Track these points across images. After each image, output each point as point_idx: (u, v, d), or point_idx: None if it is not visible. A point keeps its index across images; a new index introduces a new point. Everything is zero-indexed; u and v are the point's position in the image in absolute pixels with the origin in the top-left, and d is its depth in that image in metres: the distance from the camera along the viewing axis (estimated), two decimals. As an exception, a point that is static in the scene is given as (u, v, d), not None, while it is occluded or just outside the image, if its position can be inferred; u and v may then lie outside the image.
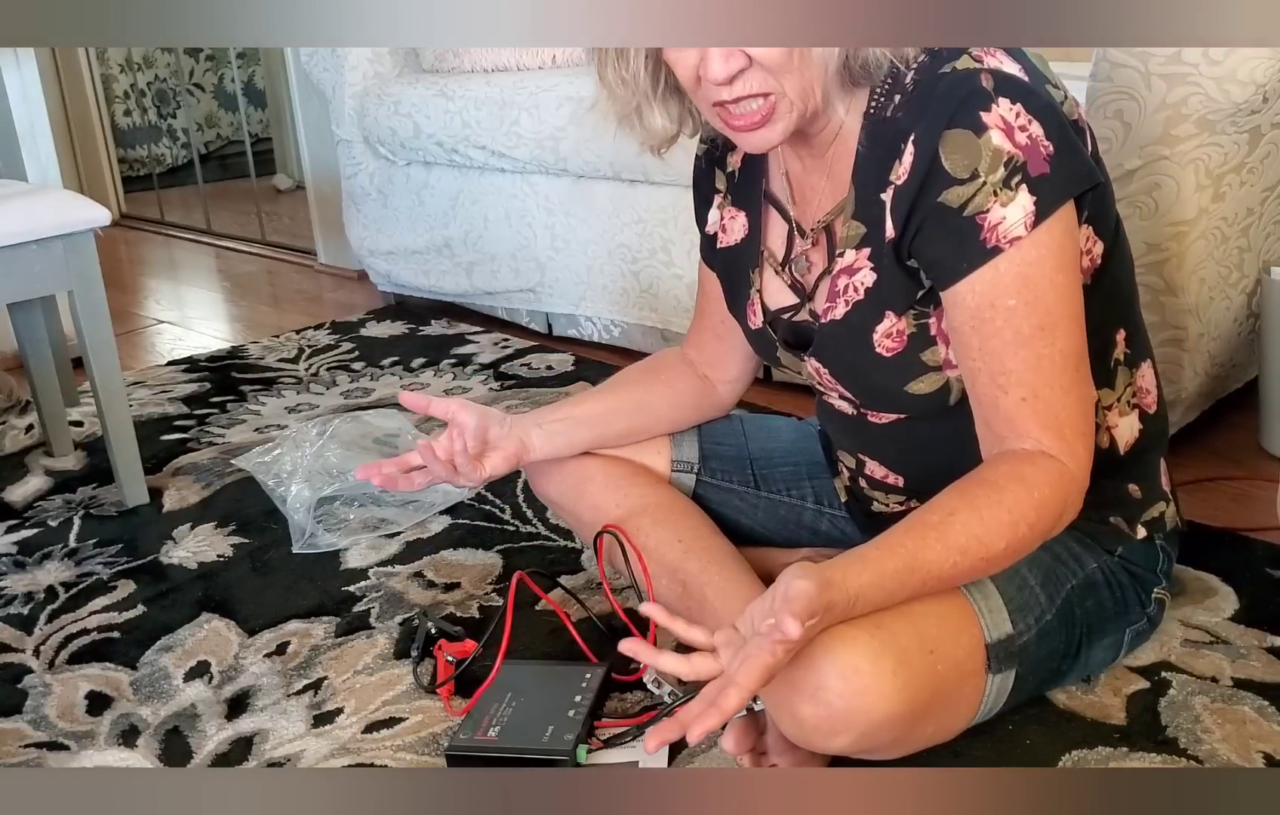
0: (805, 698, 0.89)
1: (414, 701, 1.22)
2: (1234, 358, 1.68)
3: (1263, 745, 1.05)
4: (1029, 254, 0.93)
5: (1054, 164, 0.92)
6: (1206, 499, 1.51)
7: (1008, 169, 0.91)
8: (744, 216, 1.17)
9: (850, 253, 1.03)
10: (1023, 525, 0.92)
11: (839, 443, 1.22)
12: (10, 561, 1.61)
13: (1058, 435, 0.95)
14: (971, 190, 0.92)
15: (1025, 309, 0.93)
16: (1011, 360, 0.94)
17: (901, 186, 0.96)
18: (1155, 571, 1.13)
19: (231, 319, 2.95)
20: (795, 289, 1.13)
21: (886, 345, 1.03)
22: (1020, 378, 0.94)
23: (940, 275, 0.97)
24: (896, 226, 0.98)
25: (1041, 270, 0.93)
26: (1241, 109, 1.43)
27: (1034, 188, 0.92)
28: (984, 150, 0.91)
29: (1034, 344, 0.94)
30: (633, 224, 2.22)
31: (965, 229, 0.93)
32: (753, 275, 1.17)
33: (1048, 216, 0.92)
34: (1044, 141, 0.92)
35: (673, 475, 1.32)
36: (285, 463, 1.69)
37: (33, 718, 1.24)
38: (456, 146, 2.46)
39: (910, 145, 0.95)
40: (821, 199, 1.08)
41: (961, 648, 0.97)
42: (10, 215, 1.58)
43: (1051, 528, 0.95)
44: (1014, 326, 0.94)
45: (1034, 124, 0.92)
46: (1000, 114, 0.91)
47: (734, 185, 1.19)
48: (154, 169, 4.94)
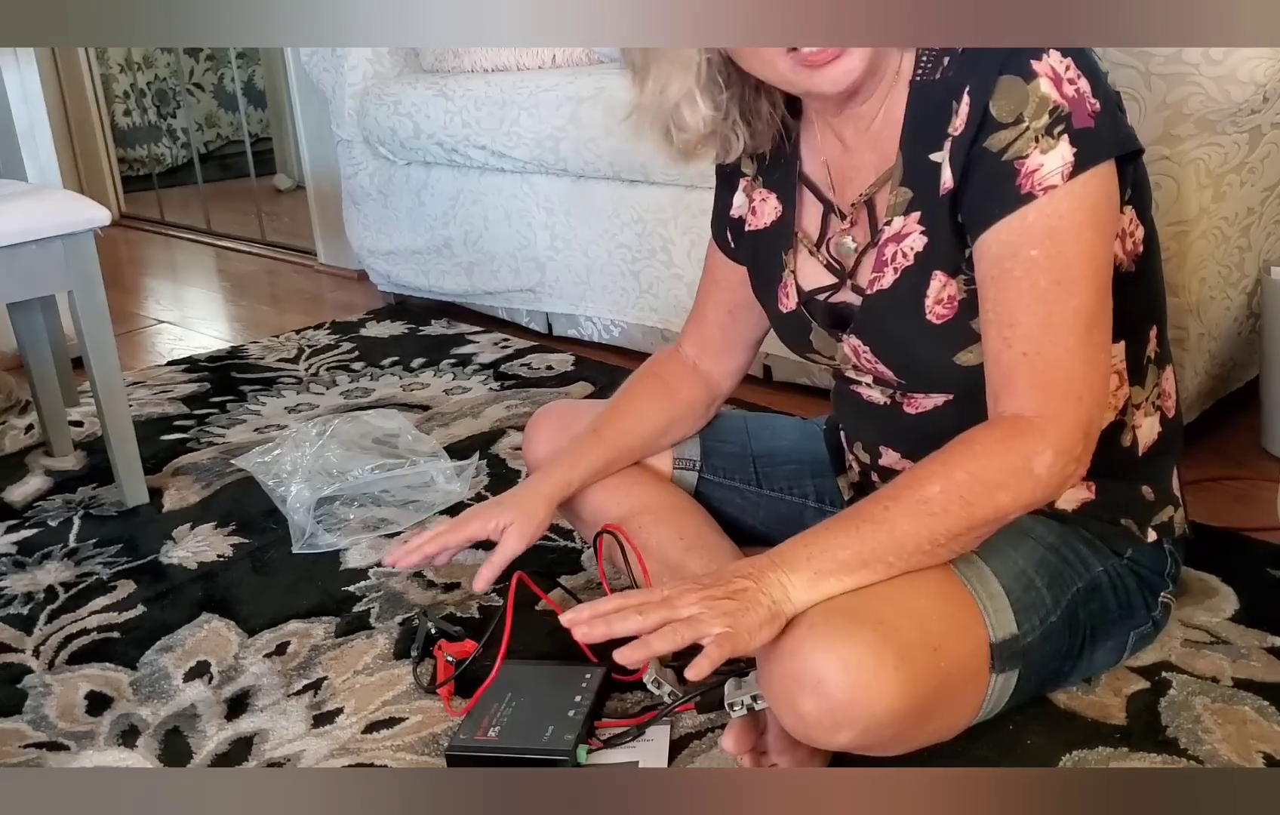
0: (808, 692, 0.89)
1: (414, 701, 1.22)
2: (1234, 357, 1.68)
3: (1263, 745, 1.05)
4: (1060, 205, 0.92)
5: (1099, 120, 0.93)
6: (1207, 499, 1.51)
7: (1052, 117, 0.92)
8: (775, 198, 1.16)
9: (898, 219, 1.03)
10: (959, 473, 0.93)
11: (858, 434, 1.21)
12: (10, 561, 1.61)
13: (1046, 395, 0.93)
14: (1014, 135, 0.93)
15: (1046, 261, 0.93)
16: (1022, 313, 0.94)
17: (958, 137, 0.96)
18: (1163, 575, 1.13)
19: (231, 319, 2.95)
20: (832, 269, 1.12)
21: (938, 312, 1.02)
22: (1027, 332, 0.94)
23: (974, 222, 0.96)
24: (955, 178, 0.97)
25: (1070, 224, 0.92)
26: (1241, 109, 1.43)
27: (1076, 140, 0.92)
28: (1031, 96, 0.92)
29: (1048, 299, 0.93)
30: (633, 224, 2.22)
31: (1003, 173, 0.93)
32: (785, 257, 1.15)
33: (1085, 170, 0.92)
34: (1090, 98, 0.93)
35: (675, 473, 1.32)
36: (285, 463, 1.69)
37: (33, 718, 1.24)
38: (456, 146, 2.46)
39: (965, 95, 0.95)
40: (862, 176, 1.07)
41: (966, 646, 0.96)
42: (10, 215, 1.58)
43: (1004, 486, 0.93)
44: (1031, 278, 0.93)
45: (1082, 80, 0.93)
46: (1050, 64, 0.92)
47: (764, 168, 1.17)
48: (154, 169, 4.94)
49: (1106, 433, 1.06)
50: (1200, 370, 1.59)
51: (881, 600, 0.93)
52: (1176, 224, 1.49)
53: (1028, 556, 1.03)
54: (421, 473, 1.69)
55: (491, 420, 2.02)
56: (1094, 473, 1.07)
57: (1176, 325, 1.54)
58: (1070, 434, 0.93)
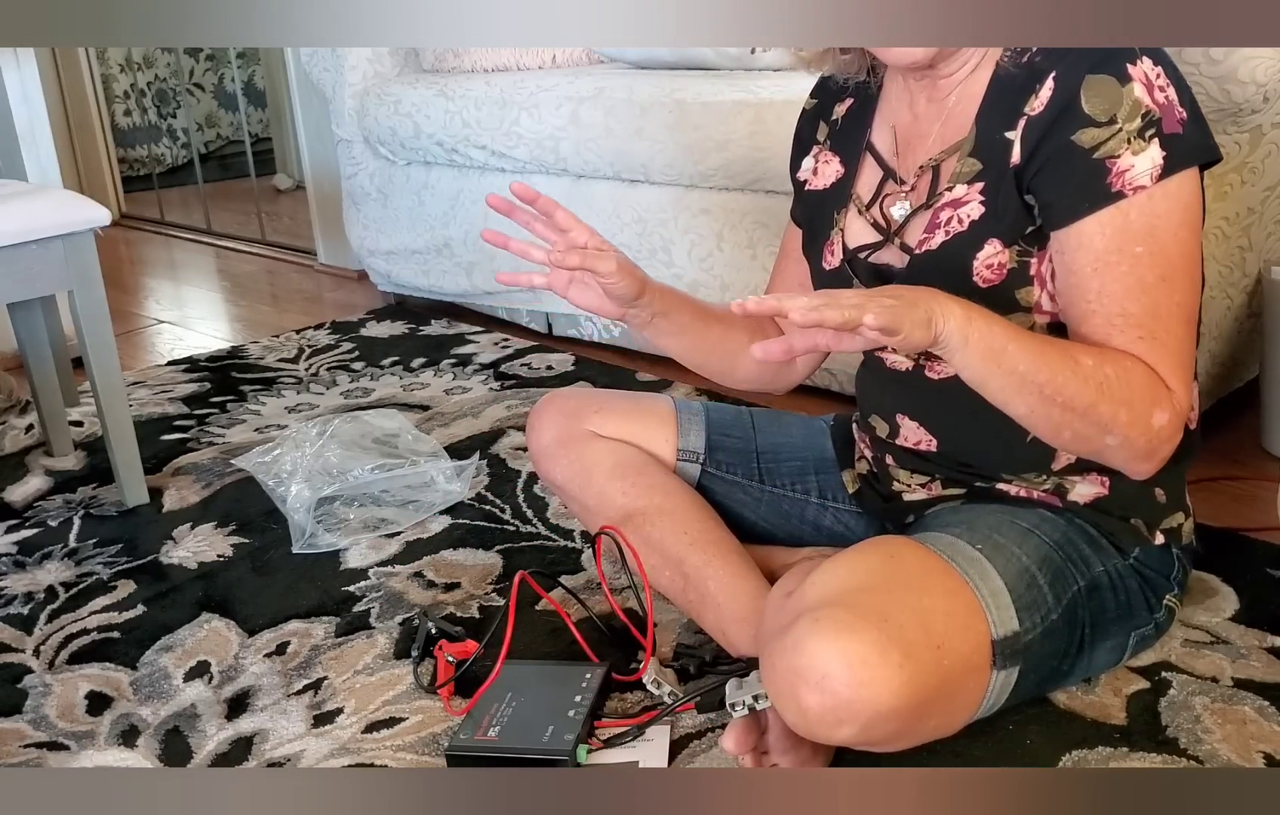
0: (811, 687, 0.89)
1: (414, 701, 1.22)
2: (1235, 357, 1.68)
3: (1263, 745, 1.05)
4: (1158, 205, 0.96)
5: (1187, 128, 0.97)
6: (1207, 499, 1.51)
7: (1144, 121, 0.95)
8: (838, 161, 1.19)
9: (961, 187, 1.05)
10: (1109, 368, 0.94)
11: (878, 406, 1.21)
12: (10, 561, 1.61)
13: (1169, 372, 0.97)
14: (1107, 134, 0.96)
15: (1150, 258, 0.96)
16: (1133, 305, 0.97)
17: (1035, 117, 0.99)
18: (1169, 578, 1.13)
19: (231, 319, 2.95)
20: (878, 227, 1.14)
21: (984, 276, 1.04)
22: (1139, 320, 0.97)
23: (1056, 214, 0.99)
24: (1024, 154, 1.00)
25: (1168, 223, 0.96)
26: (1242, 109, 1.43)
27: (1165, 144, 0.96)
28: (1125, 99, 0.95)
29: (1155, 292, 0.97)
30: (633, 224, 2.22)
31: (1093, 170, 0.96)
32: (838, 216, 1.18)
33: (1174, 174, 0.96)
34: (1179, 106, 0.97)
35: (678, 464, 1.32)
36: (285, 463, 1.69)
37: (33, 718, 1.24)
38: (456, 146, 2.46)
39: (1051, 80, 0.98)
40: (928, 145, 1.10)
41: (968, 643, 0.97)
42: (10, 215, 1.58)
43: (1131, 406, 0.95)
44: (1138, 273, 0.97)
45: (1171, 89, 0.97)
46: (1144, 69, 0.96)
47: (835, 132, 1.21)
48: (154, 169, 4.95)
49: None
50: (1200, 370, 1.59)
51: (885, 597, 0.94)
52: (1176, 224, 1.49)
53: (1031, 554, 1.04)
54: (421, 473, 1.69)
55: (492, 420, 2.02)
56: (1110, 468, 1.08)
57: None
58: (1182, 413, 0.98)
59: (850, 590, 0.94)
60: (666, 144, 2.08)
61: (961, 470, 1.14)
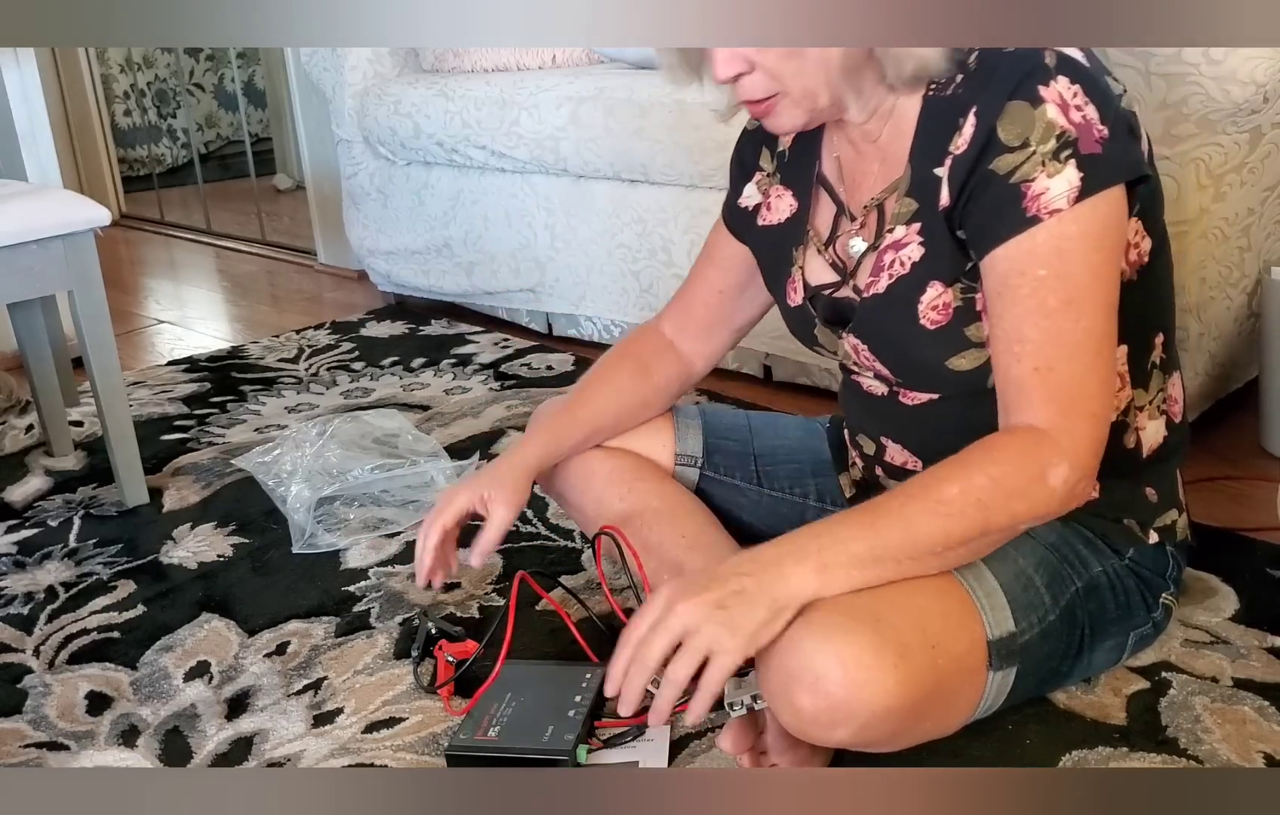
0: (805, 689, 0.89)
1: (414, 701, 1.22)
2: (1234, 357, 1.68)
3: (1263, 745, 1.05)
4: (1068, 228, 0.94)
5: (1106, 147, 0.94)
6: (1207, 499, 1.51)
7: (1059, 142, 0.93)
8: (791, 195, 1.18)
9: (900, 228, 1.04)
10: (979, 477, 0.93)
11: (861, 426, 1.22)
12: (10, 561, 1.61)
13: (1061, 409, 0.94)
14: (1021, 158, 0.94)
15: (1054, 281, 0.94)
16: (1031, 329, 0.95)
17: (960, 156, 0.97)
18: (1164, 577, 1.13)
19: (231, 319, 2.95)
20: (836, 267, 1.13)
21: (931, 317, 1.03)
22: (1037, 348, 0.95)
23: (980, 241, 0.98)
24: (952, 194, 0.99)
25: (1078, 246, 0.94)
26: (1242, 109, 1.43)
27: (1082, 164, 0.93)
28: (1038, 121, 0.93)
29: (1057, 317, 0.94)
30: (633, 224, 2.22)
31: (1009, 196, 0.94)
32: (796, 253, 1.17)
33: (1092, 195, 0.93)
34: (1098, 124, 0.94)
35: (676, 469, 1.32)
36: (285, 463, 1.69)
37: (33, 718, 1.24)
38: (456, 146, 2.46)
39: (972, 116, 0.97)
40: (874, 181, 1.09)
41: (963, 644, 0.97)
42: (10, 215, 1.58)
43: (1021, 495, 0.93)
44: (1039, 297, 0.94)
45: (1090, 107, 0.94)
46: (1058, 90, 0.93)
47: (784, 164, 1.20)
48: (154, 169, 4.94)
49: (1111, 432, 1.07)
50: (1200, 370, 1.59)
51: (879, 598, 0.94)
52: (1176, 224, 1.49)
53: (1027, 556, 1.04)
54: (421, 473, 1.69)
55: (491, 420, 2.02)
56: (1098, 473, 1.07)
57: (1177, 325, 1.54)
58: (1085, 450, 0.95)
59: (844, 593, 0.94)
60: (666, 144, 2.08)
61: None
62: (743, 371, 2.17)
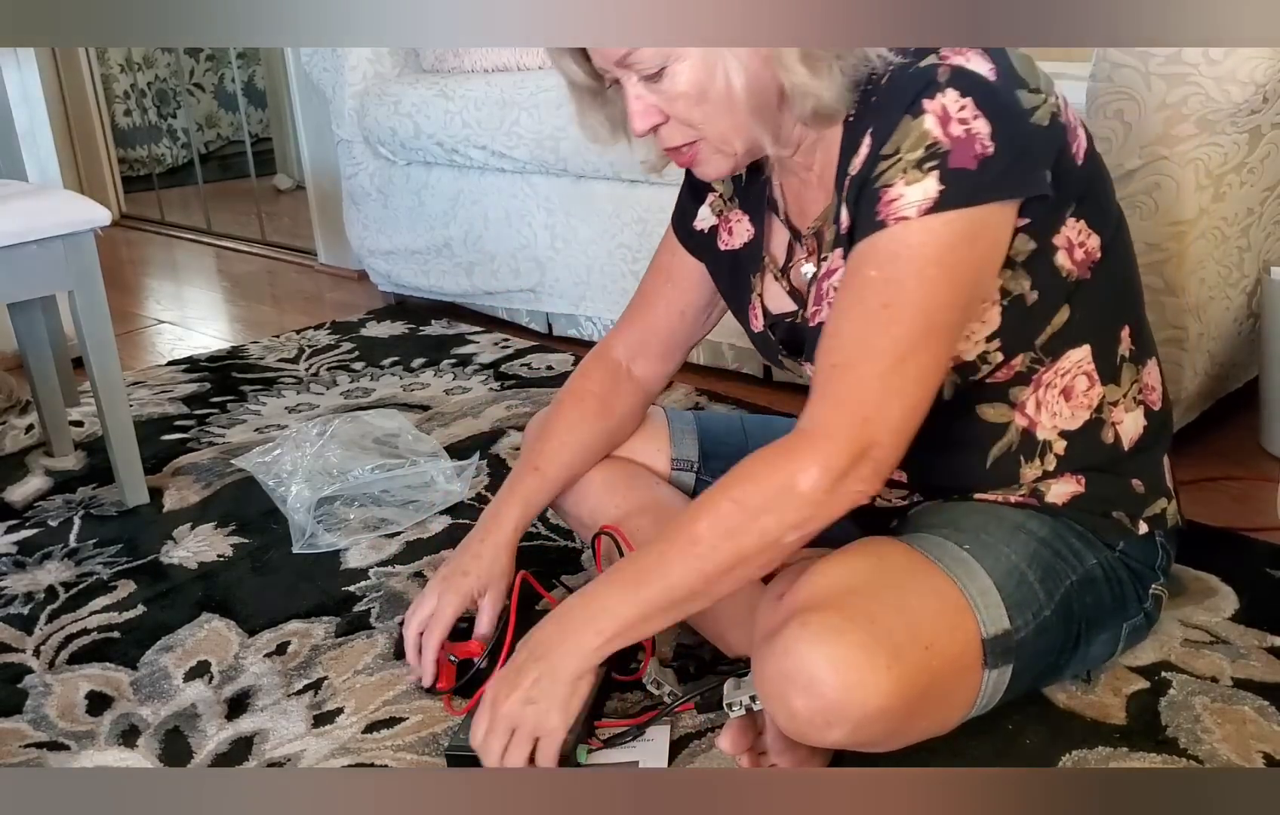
0: (800, 691, 0.89)
1: (414, 701, 1.22)
2: (1234, 358, 1.68)
3: (1263, 745, 1.05)
4: (911, 237, 0.92)
5: (983, 164, 0.91)
6: (1207, 499, 1.51)
7: (926, 152, 0.91)
8: (748, 220, 1.18)
9: (831, 255, 1.04)
10: (725, 503, 0.95)
11: None
12: (10, 561, 1.61)
13: (833, 409, 0.92)
14: (887, 165, 0.93)
15: (880, 283, 0.92)
16: (846, 325, 0.94)
17: (854, 175, 0.97)
18: (1154, 568, 1.13)
19: (231, 319, 2.95)
20: (793, 295, 1.14)
21: None
22: (843, 344, 0.93)
23: (849, 249, 0.97)
24: (850, 214, 0.98)
25: (915, 255, 0.91)
26: (1241, 109, 1.43)
27: (946, 178, 0.91)
28: (913, 131, 0.92)
29: (871, 318, 0.92)
30: (633, 224, 2.22)
31: (870, 198, 0.94)
32: (754, 280, 1.17)
33: (949, 210, 0.91)
34: (984, 140, 0.91)
35: (673, 474, 1.32)
36: (285, 463, 1.69)
37: (33, 718, 1.24)
38: (456, 146, 2.46)
39: (868, 137, 0.96)
40: (817, 207, 1.09)
41: (957, 643, 0.97)
42: (10, 215, 1.58)
43: (767, 509, 0.93)
44: (862, 296, 0.93)
45: (979, 121, 0.91)
46: (943, 102, 0.91)
47: (740, 189, 1.19)
48: (154, 169, 4.95)
49: (1086, 430, 1.07)
50: (1200, 370, 1.59)
51: (873, 599, 0.94)
52: (1176, 224, 1.49)
53: (1020, 551, 1.03)
54: (421, 473, 1.69)
55: (492, 420, 2.02)
56: (1081, 468, 1.08)
57: (1176, 325, 1.54)
58: (840, 451, 0.92)
59: (838, 593, 0.94)
60: (666, 144, 2.08)
61: (936, 492, 1.14)
62: (743, 372, 2.17)
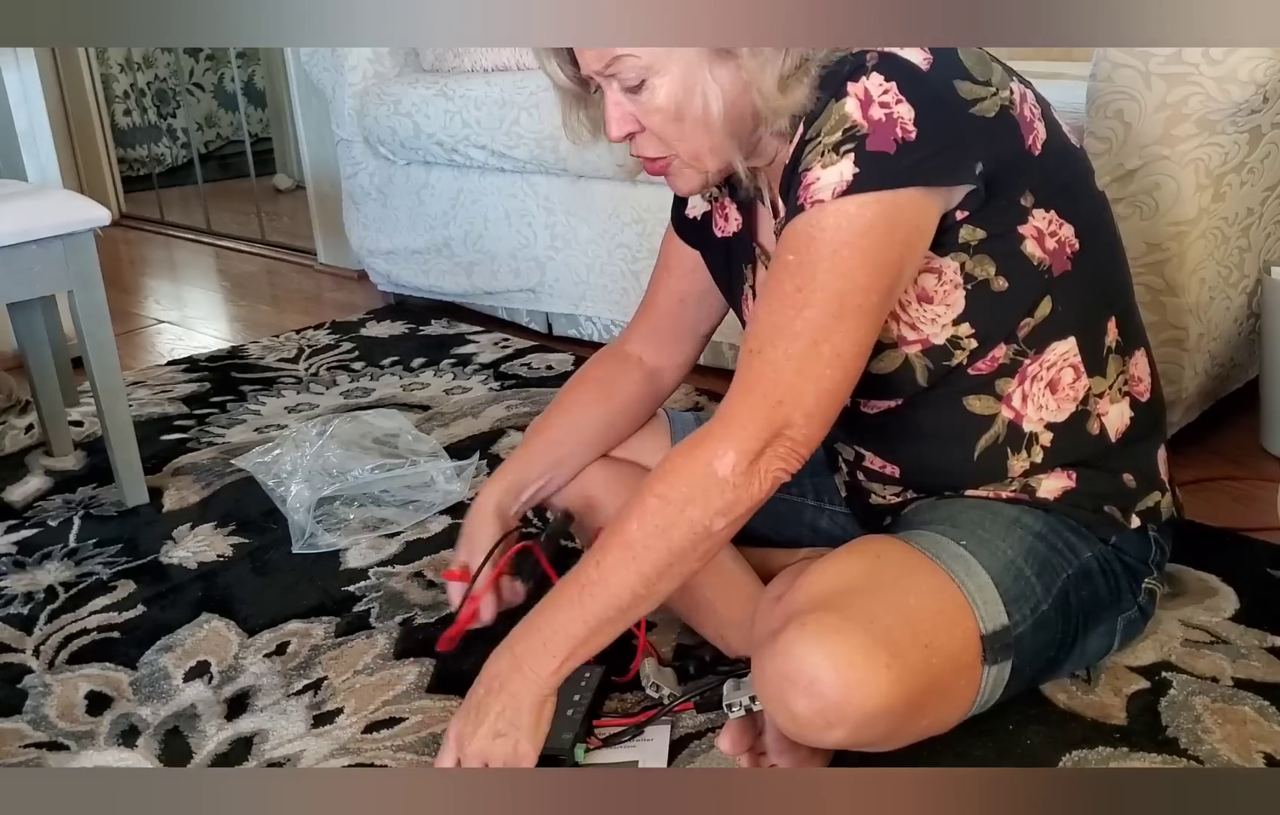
0: (800, 692, 0.89)
1: (414, 701, 1.22)
2: (1234, 358, 1.68)
3: (1263, 745, 1.05)
4: (826, 220, 0.92)
5: (902, 148, 0.90)
6: (1207, 499, 1.51)
7: (843, 135, 0.91)
8: (735, 209, 1.19)
9: None
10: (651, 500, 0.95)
11: (836, 436, 1.22)
12: (10, 561, 1.61)
13: (746, 393, 0.93)
14: (808, 148, 0.93)
15: (796, 267, 0.93)
16: (764, 311, 0.94)
17: (787, 163, 0.98)
18: (1146, 562, 1.12)
19: (231, 319, 2.95)
20: None
21: None
22: (760, 328, 0.94)
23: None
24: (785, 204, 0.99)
25: (829, 238, 0.91)
26: (1241, 109, 1.43)
27: (861, 161, 0.90)
28: (834, 113, 0.92)
29: (786, 302, 0.93)
30: (633, 224, 2.22)
31: (796, 185, 0.94)
32: (746, 270, 1.18)
33: (863, 192, 0.91)
34: (906, 124, 0.91)
35: None
36: (285, 463, 1.69)
37: (33, 718, 1.24)
38: (456, 146, 2.46)
39: (801, 125, 0.97)
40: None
41: (956, 641, 0.97)
42: (10, 215, 1.58)
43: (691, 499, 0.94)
44: (779, 280, 0.94)
45: (902, 106, 0.91)
46: (865, 85, 0.92)
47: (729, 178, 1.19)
48: (154, 169, 4.94)
49: (1071, 423, 1.07)
50: (1200, 370, 1.59)
51: (872, 599, 0.94)
52: (1176, 224, 1.49)
53: (1016, 547, 1.03)
54: (421, 473, 1.69)
55: (491, 420, 2.02)
56: (1071, 462, 1.08)
57: (1176, 325, 1.54)
58: (752, 434, 0.93)
59: (837, 592, 0.94)
60: (666, 144, 2.08)
61: (928, 486, 1.14)
62: (743, 371, 2.17)
